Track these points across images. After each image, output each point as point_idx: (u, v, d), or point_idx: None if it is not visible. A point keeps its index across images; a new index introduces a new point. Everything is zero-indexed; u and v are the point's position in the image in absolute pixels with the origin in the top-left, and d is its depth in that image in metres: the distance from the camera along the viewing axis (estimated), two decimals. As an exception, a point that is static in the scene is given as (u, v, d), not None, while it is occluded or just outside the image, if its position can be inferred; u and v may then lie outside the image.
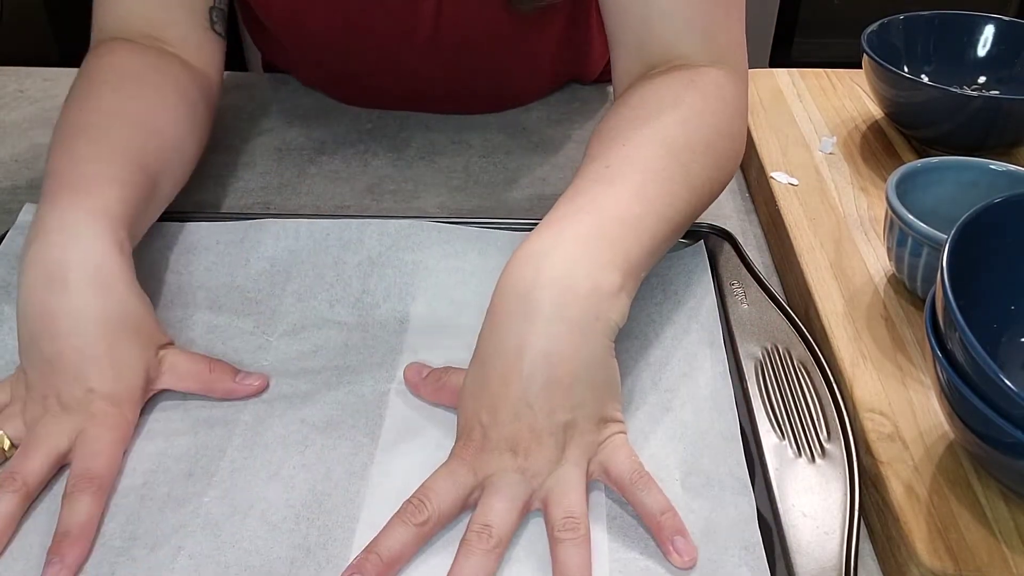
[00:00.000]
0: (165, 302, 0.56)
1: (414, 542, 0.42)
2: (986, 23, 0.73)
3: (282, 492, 0.45)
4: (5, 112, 0.82)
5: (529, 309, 0.44)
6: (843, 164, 0.67)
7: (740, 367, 0.51)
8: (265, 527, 0.43)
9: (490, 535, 0.41)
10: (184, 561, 0.41)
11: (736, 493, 0.44)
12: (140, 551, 0.42)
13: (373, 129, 0.79)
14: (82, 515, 0.43)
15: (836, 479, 0.44)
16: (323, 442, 0.47)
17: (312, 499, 0.44)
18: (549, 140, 0.77)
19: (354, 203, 0.69)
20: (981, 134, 0.65)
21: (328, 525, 0.43)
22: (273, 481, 0.45)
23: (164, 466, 0.46)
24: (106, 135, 0.55)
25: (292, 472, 0.46)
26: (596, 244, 0.46)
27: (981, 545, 0.40)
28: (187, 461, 0.46)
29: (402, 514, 0.42)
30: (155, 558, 0.42)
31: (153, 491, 0.45)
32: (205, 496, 0.44)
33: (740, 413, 0.49)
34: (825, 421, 0.47)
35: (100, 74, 0.60)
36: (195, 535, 0.43)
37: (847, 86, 0.78)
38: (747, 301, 0.55)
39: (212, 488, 0.45)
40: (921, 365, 0.49)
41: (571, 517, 0.42)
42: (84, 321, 0.47)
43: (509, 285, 0.45)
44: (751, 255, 0.59)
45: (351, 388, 0.51)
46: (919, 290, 0.53)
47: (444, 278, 0.57)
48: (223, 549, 0.42)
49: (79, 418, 0.47)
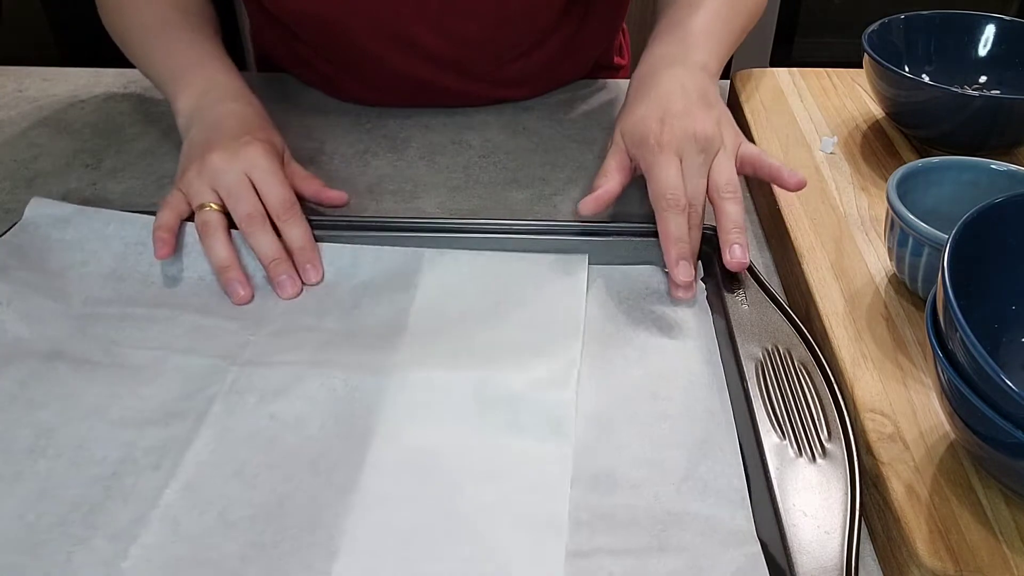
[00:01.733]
0: (156, 301, 0.57)
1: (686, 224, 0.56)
2: (987, 23, 0.73)
3: (243, 491, 0.45)
4: (5, 112, 0.82)
5: (674, 67, 0.63)
6: (844, 164, 0.67)
7: (741, 368, 0.51)
8: (222, 524, 0.43)
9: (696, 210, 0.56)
10: (137, 551, 0.42)
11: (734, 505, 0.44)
12: (99, 541, 0.42)
13: (373, 129, 0.79)
14: (302, 236, 0.59)
15: (837, 479, 0.44)
16: (291, 440, 0.48)
17: (272, 499, 0.44)
18: (549, 140, 0.77)
19: (354, 203, 0.68)
20: (982, 134, 0.65)
21: (285, 525, 0.43)
22: (235, 479, 0.45)
23: (133, 457, 0.47)
24: (182, 28, 0.71)
25: (255, 471, 0.46)
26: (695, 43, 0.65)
27: (982, 546, 0.40)
28: (155, 454, 0.47)
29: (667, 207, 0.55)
30: (111, 548, 0.42)
31: (120, 481, 0.45)
32: (167, 488, 0.45)
33: (741, 413, 0.49)
34: (826, 421, 0.47)
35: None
36: (152, 526, 0.43)
37: (848, 86, 0.78)
38: (747, 302, 0.55)
39: (175, 481, 0.45)
40: (922, 365, 0.49)
41: (731, 182, 0.57)
42: (247, 114, 0.64)
43: (654, 58, 0.65)
44: (752, 255, 0.59)
45: (323, 382, 0.51)
46: (920, 290, 0.53)
47: (442, 295, 0.57)
48: (178, 543, 0.42)
49: (245, 161, 0.59)
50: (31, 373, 0.51)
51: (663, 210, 0.56)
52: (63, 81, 0.87)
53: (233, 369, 0.52)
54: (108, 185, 0.71)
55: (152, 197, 0.69)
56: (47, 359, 0.52)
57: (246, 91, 0.68)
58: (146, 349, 0.53)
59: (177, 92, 0.67)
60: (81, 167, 0.73)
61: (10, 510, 0.44)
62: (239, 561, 0.42)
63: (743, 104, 0.76)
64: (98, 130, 0.79)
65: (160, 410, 0.49)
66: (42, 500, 0.44)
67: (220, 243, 0.57)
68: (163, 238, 0.57)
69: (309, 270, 0.58)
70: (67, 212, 0.61)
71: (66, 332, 0.54)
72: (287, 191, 0.60)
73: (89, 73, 0.88)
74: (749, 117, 0.74)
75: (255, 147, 0.60)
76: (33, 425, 0.48)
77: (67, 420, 0.49)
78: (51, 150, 0.76)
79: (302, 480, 0.45)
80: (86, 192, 0.70)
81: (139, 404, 0.50)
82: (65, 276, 0.58)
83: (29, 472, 0.46)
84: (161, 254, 0.57)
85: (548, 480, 0.45)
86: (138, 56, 0.73)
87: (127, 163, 0.74)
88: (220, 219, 0.58)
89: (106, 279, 0.59)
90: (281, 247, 0.58)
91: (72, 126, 0.79)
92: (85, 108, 0.82)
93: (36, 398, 0.50)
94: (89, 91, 0.85)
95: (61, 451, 0.47)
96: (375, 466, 0.46)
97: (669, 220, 0.55)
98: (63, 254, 0.59)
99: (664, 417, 0.49)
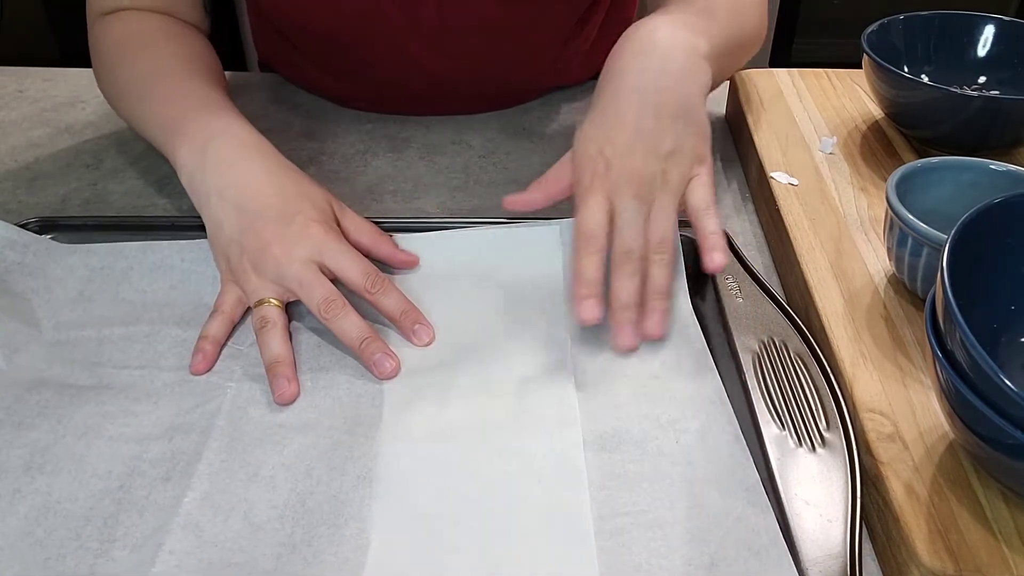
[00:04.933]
0: (131, 319, 0.55)
1: (601, 267, 0.52)
2: (986, 23, 0.73)
3: (263, 492, 0.45)
4: (5, 112, 0.82)
5: (643, 60, 0.57)
6: (843, 164, 0.67)
7: (738, 360, 0.51)
8: (248, 527, 0.43)
9: (633, 257, 0.53)
10: (165, 558, 0.41)
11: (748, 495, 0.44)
12: (120, 552, 0.42)
13: (373, 129, 0.79)
14: (399, 301, 0.54)
15: (837, 468, 0.45)
16: (301, 441, 0.48)
17: (294, 498, 0.45)
18: (549, 140, 0.77)
19: (354, 203, 0.68)
20: (981, 134, 0.65)
21: (312, 523, 0.43)
22: (253, 482, 0.45)
23: (140, 470, 0.46)
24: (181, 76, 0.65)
25: (272, 472, 0.46)
26: (690, 26, 0.60)
27: (981, 545, 0.40)
28: (164, 465, 0.46)
29: (581, 248, 0.52)
30: (136, 557, 0.42)
31: (131, 494, 0.45)
32: (185, 497, 0.44)
33: (739, 406, 0.49)
34: (824, 411, 0.48)
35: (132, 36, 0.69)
36: (175, 534, 0.43)
37: (847, 86, 0.78)
38: (742, 295, 0.56)
39: (191, 490, 0.45)
40: (921, 365, 0.49)
41: (664, 241, 0.53)
42: (273, 177, 0.57)
43: (627, 43, 0.58)
44: (751, 255, 0.59)
45: (327, 391, 0.51)
46: (919, 290, 0.53)
47: (415, 281, 0.58)
48: (205, 548, 0.42)
49: (309, 247, 0.54)
50: (15, 399, 0.50)
51: (576, 248, 0.53)
52: (63, 81, 0.87)
53: (231, 385, 0.51)
54: (108, 185, 0.71)
55: (152, 198, 0.69)
56: (30, 387, 0.51)
57: (256, 137, 0.60)
58: (131, 368, 0.52)
59: (177, 145, 0.59)
60: (81, 167, 0.73)
61: (14, 528, 0.43)
62: (275, 561, 0.42)
63: (743, 104, 0.76)
64: (98, 130, 0.79)
65: (159, 425, 0.49)
66: (47, 516, 0.44)
67: (277, 341, 0.52)
68: (205, 351, 0.52)
69: (420, 331, 0.54)
70: (25, 239, 0.58)
71: (43, 359, 0.53)
72: (363, 262, 0.55)
73: (89, 73, 0.87)
74: (749, 117, 0.74)
75: (313, 229, 0.55)
76: (25, 445, 0.47)
77: (60, 438, 0.48)
78: (51, 150, 0.76)
79: (320, 476, 0.46)
80: (86, 192, 0.70)
81: (134, 421, 0.49)
82: (29, 300, 0.56)
83: (28, 489, 0.45)
84: (196, 369, 0.52)
85: (562, 449, 0.47)
86: (135, 113, 0.66)
87: (127, 163, 0.74)
88: (280, 315, 0.54)
89: (74, 302, 0.56)
90: (366, 325, 0.53)
91: (72, 126, 0.79)
92: (85, 108, 0.82)
93: (24, 421, 0.49)
94: (89, 91, 0.85)
95: (60, 467, 0.46)
96: (389, 455, 0.47)
97: (579, 259, 0.52)
98: (23, 278, 0.56)
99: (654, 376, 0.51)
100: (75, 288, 0.57)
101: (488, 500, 0.44)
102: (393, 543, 0.42)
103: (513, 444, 0.47)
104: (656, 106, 0.55)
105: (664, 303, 0.53)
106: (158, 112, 0.62)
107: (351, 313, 0.53)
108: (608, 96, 0.57)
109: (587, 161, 0.55)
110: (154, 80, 0.65)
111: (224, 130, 0.59)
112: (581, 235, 0.53)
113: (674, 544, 0.42)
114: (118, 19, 0.70)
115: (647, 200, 0.54)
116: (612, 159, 0.54)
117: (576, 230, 0.54)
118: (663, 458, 0.46)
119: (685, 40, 0.58)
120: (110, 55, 0.68)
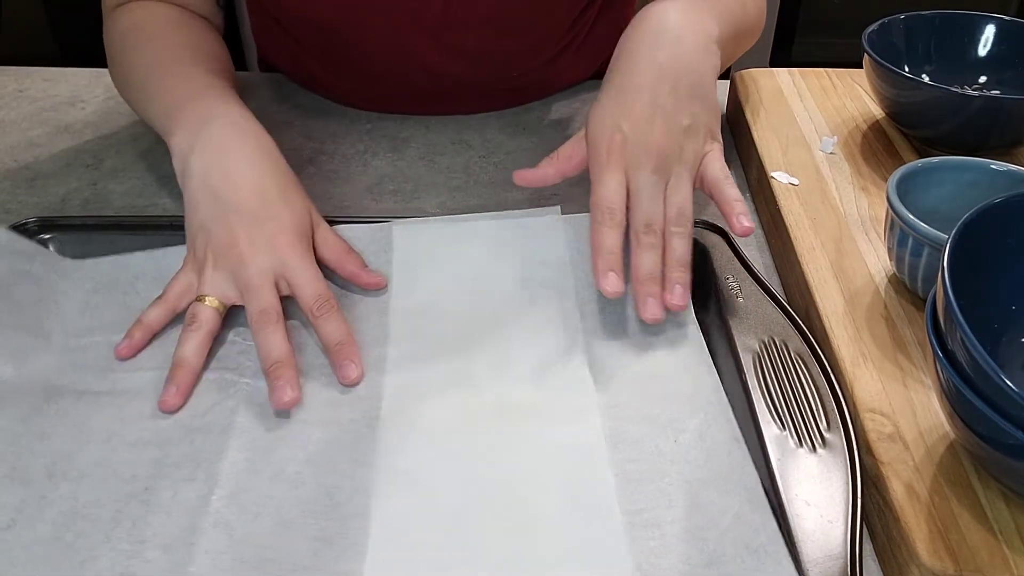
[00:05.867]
0: (128, 322, 0.54)
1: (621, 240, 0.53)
2: (987, 23, 0.73)
3: (290, 490, 0.45)
4: (5, 112, 0.82)
5: (657, 39, 0.58)
6: (844, 164, 0.67)
7: (738, 360, 0.51)
8: (279, 526, 0.43)
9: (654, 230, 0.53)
10: (202, 558, 0.41)
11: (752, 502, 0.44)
12: (153, 552, 0.42)
13: (373, 129, 0.79)
14: (338, 331, 0.52)
15: (837, 468, 0.45)
16: (321, 436, 0.48)
17: (321, 493, 0.45)
18: (549, 140, 0.77)
19: (354, 203, 0.68)
20: (982, 134, 0.65)
21: (343, 516, 0.44)
22: (279, 480, 0.45)
23: (164, 472, 0.46)
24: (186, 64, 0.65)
25: (297, 469, 0.46)
26: (700, 9, 0.61)
27: (982, 545, 0.40)
28: (188, 467, 0.46)
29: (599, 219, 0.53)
30: (171, 558, 0.42)
31: (157, 496, 0.45)
32: (212, 496, 0.44)
33: (740, 407, 0.49)
34: (824, 411, 0.48)
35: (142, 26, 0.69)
36: (207, 533, 0.43)
37: (848, 86, 0.78)
38: (742, 295, 0.56)
39: (219, 489, 0.45)
40: (922, 365, 0.49)
41: (682, 214, 0.54)
42: (260, 173, 0.56)
43: (640, 24, 0.60)
44: (752, 255, 0.59)
45: (342, 389, 0.51)
46: (920, 290, 0.53)
47: (419, 269, 0.58)
48: (236, 546, 0.42)
49: (272, 256, 0.53)
50: (32, 409, 0.49)
51: (595, 220, 0.53)
52: (63, 81, 0.87)
53: (244, 381, 0.51)
54: (109, 185, 0.71)
55: (152, 198, 0.69)
56: (46, 397, 0.50)
57: (253, 125, 0.59)
58: (144, 371, 0.52)
59: (174, 129, 0.59)
60: (81, 167, 0.73)
61: (45, 534, 0.43)
62: (312, 557, 0.42)
63: (743, 104, 0.76)
64: (98, 130, 0.79)
65: (178, 427, 0.49)
66: (75, 520, 0.44)
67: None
68: (133, 337, 0.53)
69: (349, 366, 0.51)
70: (31, 249, 0.58)
71: (54, 367, 0.52)
72: (319, 284, 0.54)
73: (89, 73, 0.88)
74: (749, 117, 0.74)
75: (280, 239, 0.54)
76: (47, 454, 0.47)
77: (82, 445, 0.47)
78: (51, 150, 0.76)
79: (344, 471, 0.46)
80: (86, 192, 0.70)
81: (153, 425, 0.49)
82: (36, 309, 0.55)
83: (53, 495, 0.45)
84: (120, 354, 0.52)
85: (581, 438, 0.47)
86: (140, 100, 0.66)
87: (127, 163, 0.74)
88: (212, 319, 0.53)
89: (81, 311, 0.56)
90: (289, 349, 0.51)
91: (72, 126, 0.79)
92: (85, 108, 0.82)
93: (44, 430, 0.48)
94: (89, 91, 0.85)
95: (84, 473, 0.46)
96: (411, 447, 0.47)
97: (599, 231, 0.53)
98: (30, 287, 0.56)
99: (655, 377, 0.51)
100: (81, 298, 0.57)
101: (513, 489, 0.45)
102: (423, 532, 0.43)
103: (533, 432, 0.48)
104: (674, 81, 0.56)
105: (685, 275, 0.53)
106: (161, 98, 0.63)
107: (281, 331, 0.51)
108: (623, 73, 0.58)
109: (603, 136, 0.56)
110: (160, 68, 0.65)
111: (223, 113, 0.59)
112: (600, 209, 0.54)
113: (672, 543, 0.42)
114: (130, 10, 0.71)
115: (665, 174, 0.55)
116: (629, 133, 0.55)
117: (594, 204, 0.54)
118: (661, 457, 0.46)
119: (696, 22, 0.60)
120: (120, 44, 0.70)
